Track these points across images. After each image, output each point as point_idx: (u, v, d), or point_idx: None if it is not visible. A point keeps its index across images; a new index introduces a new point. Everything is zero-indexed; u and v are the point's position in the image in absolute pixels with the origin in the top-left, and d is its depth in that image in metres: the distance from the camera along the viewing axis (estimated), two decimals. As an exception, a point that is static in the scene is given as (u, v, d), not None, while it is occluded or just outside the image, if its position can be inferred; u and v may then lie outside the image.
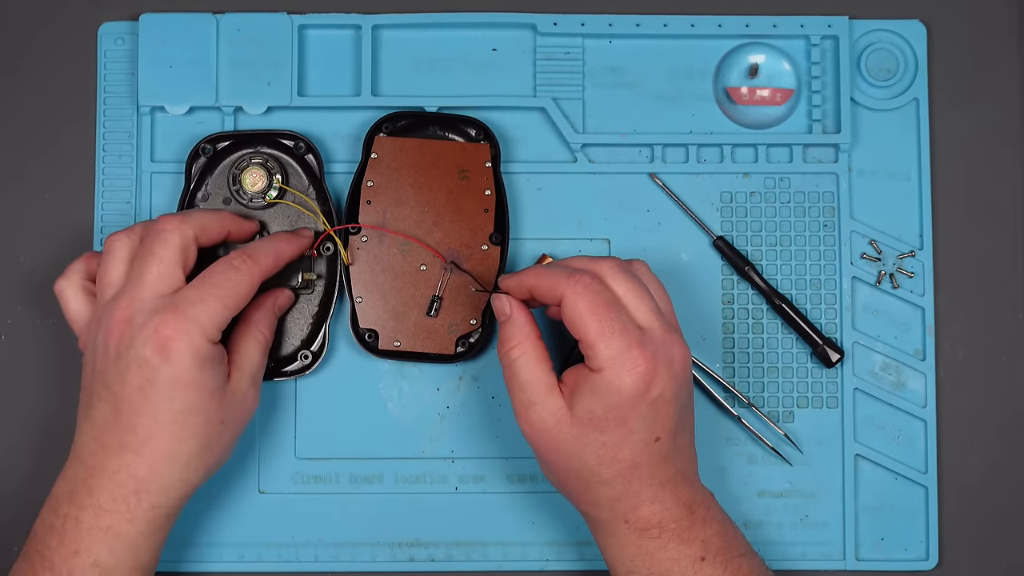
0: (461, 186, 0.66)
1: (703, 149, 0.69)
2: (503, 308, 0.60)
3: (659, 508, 0.57)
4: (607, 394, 0.56)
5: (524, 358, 0.58)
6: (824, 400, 0.68)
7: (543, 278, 0.58)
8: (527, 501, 0.67)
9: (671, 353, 0.57)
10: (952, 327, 0.68)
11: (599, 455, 0.57)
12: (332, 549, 0.67)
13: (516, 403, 0.59)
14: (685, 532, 0.57)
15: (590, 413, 0.56)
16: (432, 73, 0.69)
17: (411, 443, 0.67)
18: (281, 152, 0.66)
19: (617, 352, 0.56)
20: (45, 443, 0.68)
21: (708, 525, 0.58)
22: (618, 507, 0.58)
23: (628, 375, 0.56)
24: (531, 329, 0.59)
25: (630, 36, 0.69)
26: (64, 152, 0.68)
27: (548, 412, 0.57)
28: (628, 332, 0.56)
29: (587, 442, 0.57)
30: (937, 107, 0.69)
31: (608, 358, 0.56)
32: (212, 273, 0.59)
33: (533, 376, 0.58)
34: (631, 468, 0.57)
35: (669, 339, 0.57)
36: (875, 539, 0.67)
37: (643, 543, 0.58)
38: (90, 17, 0.69)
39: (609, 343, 0.56)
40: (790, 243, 0.68)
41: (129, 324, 0.57)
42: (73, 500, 0.57)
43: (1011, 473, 0.68)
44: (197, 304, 0.57)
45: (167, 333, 0.57)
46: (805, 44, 0.69)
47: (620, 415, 0.56)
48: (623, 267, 0.59)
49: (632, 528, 0.58)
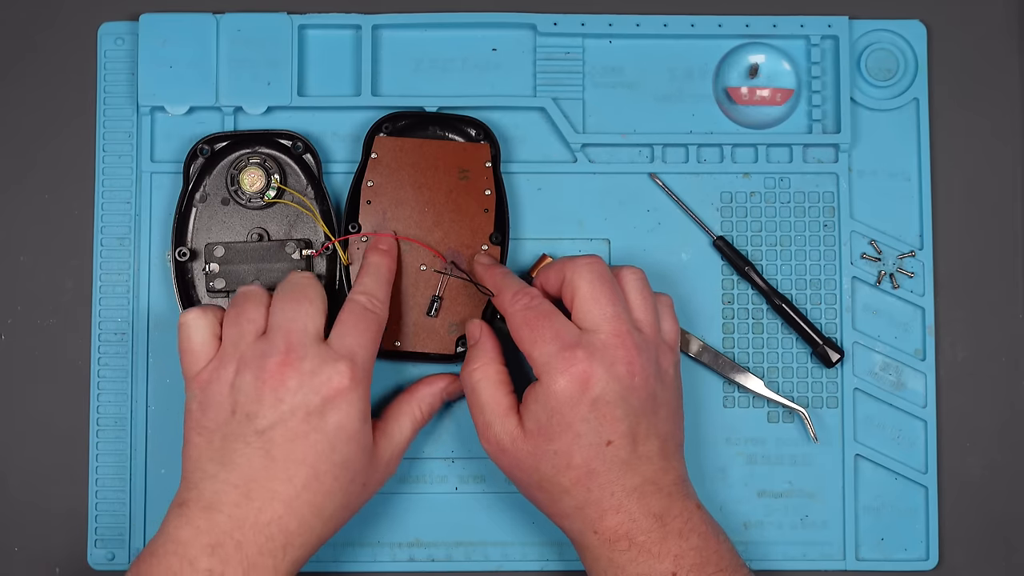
0: (461, 186, 0.66)
1: (703, 149, 0.69)
2: (474, 332, 0.63)
3: (625, 518, 0.57)
4: (547, 399, 0.57)
5: (485, 381, 0.60)
6: (824, 400, 0.68)
7: (497, 287, 0.61)
8: (527, 501, 0.67)
9: (613, 356, 0.57)
10: (952, 327, 0.68)
11: (553, 464, 0.58)
12: (332, 549, 0.67)
13: (477, 424, 0.60)
14: (655, 546, 0.57)
15: (537, 423, 0.58)
16: (432, 73, 0.69)
17: (411, 443, 0.67)
18: (279, 152, 0.66)
19: (549, 356, 0.57)
20: (45, 443, 0.68)
21: (684, 539, 0.57)
22: (585, 517, 0.58)
23: (561, 376, 0.57)
24: (495, 354, 0.61)
25: (630, 36, 0.69)
26: (64, 152, 0.68)
27: (504, 432, 0.59)
28: (560, 336, 0.57)
29: (540, 454, 0.58)
30: (937, 107, 0.69)
31: (542, 364, 0.57)
32: (354, 316, 0.58)
33: (492, 398, 0.60)
34: (587, 475, 0.57)
35: (615, 343, 0.57)
36: (875, 539, 0.67)
37: (613, 556, 0.57)
38: (90, 17, 0.69)
39: (542, 350, 0.58)
40: (790, 243, 0.68)
41: (295, 370, 0.55)
42: (217, 554, 0.53)
43: (1011, 473, 0.68)
44: (359, 352, 0.57)
45: (342, 383, 0.55)
46: (805, 44, 0.69)
47: (563, 419, 0.57)
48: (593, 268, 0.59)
49: (602, 539, 0.57)
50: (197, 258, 0.65)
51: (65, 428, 0.67)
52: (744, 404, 0.68)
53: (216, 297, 0.65)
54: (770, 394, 0.66)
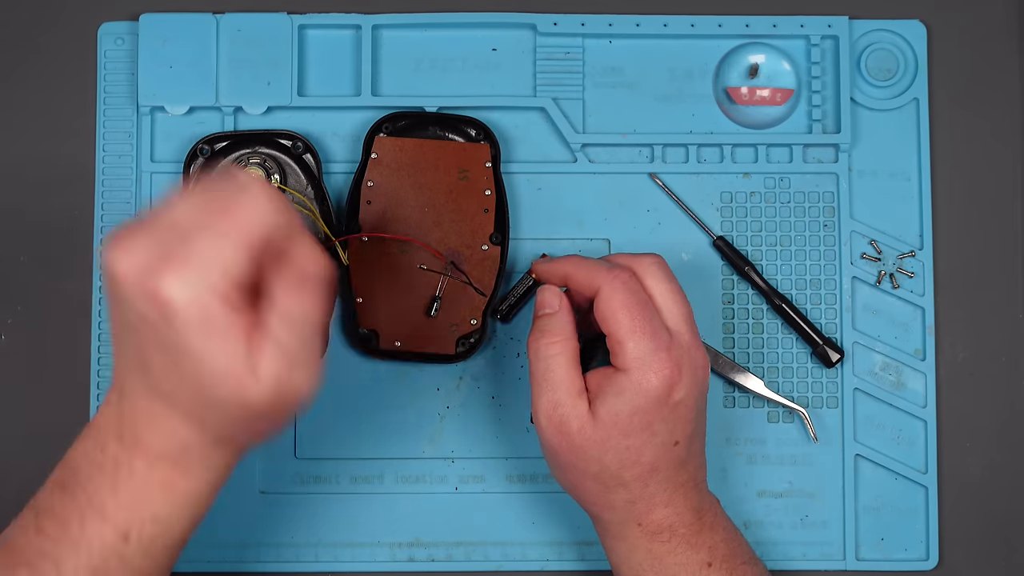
0: (461, 186, 0.66)
1: (703, 149, 0.69)
2: (551, 301, 0.59)
3: (671, 512, 0.58)
4: (634, 396, 0.56)
5: (561, 357, 0.57)
6: (824, 400, 0.68)
7: (581, 268, 0.58)
8: (527, 501, 0.67)
9: (695, 359, 0.57)
10: (952, 327, 0.68)
11: (621, 458, 0.57)
12: (332, 549, 0.67)
13: (542, 401, 0.57)
14: (694, 537, 0.58)
15: (615, 416, 0.56)
16: (432, 73, 0.69)
17: (411, 443, 0.67)
18: (279, 152, 0.66)
19: (645, 352, 0.56)
20: (45, 444, 0.67)
21: (715, 531, 0.59)
22: (633, 510, 0.58)
23: (654, 376, 0.56)
24: (572, 329, 0.58)
25: (630, 36, 0.69)
26: (64, 152, 0.69)
27: (574, 415, 0.57)
28: (658, 335, 0.56)
29: (610, 446, 0.56)
30: (937, 107, 0.69)
31: (636, 358, 0.56)
32: None
33: (567, 376, 0.57)
34: (651, 471, 0.57)
35: (694, 345, 0.58)
36: (875, 539, 0.67)
37: (653, 547, 0.58)
38: (90, 17, 0.69)
39: (638, 343, 0.56)
40: (790, 243, 0.68)
41: None
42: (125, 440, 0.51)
43: (1011, 473, 0.68)
44: None
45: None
46: (805, 44, 0.69)
47: (645, 418, 0.56)
48: (663, 268, 0.59)
49: (644, 531, 0.58)
50: (197, 258, 0.65)
51: (65, 428, 0.67)
52: (744, 404, 0.68)
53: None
54: (770, 394, 0.67)
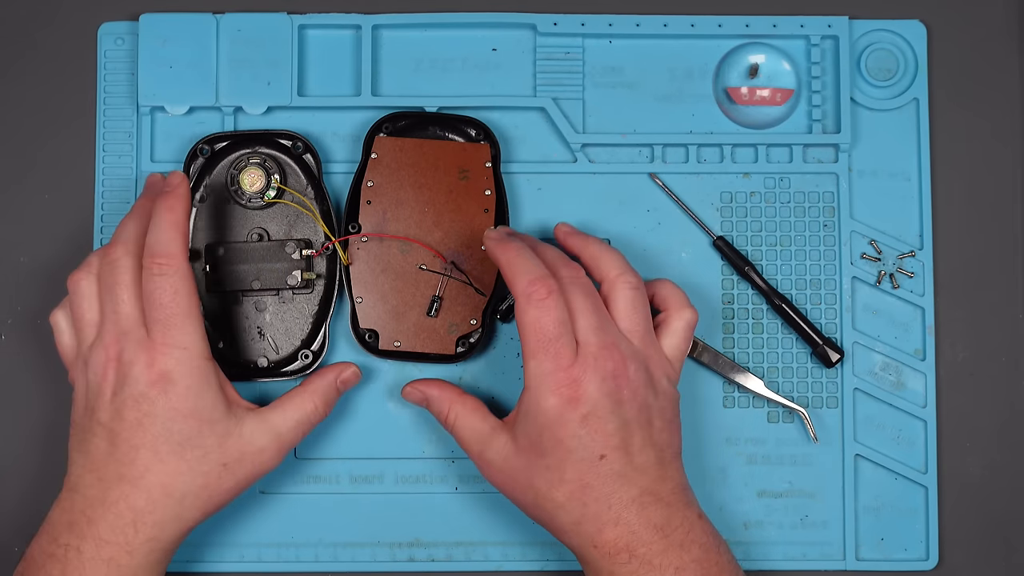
0: (461, 186, 0.66)
1: (703, 149, 0.69)
2: (417, 398, 0.63)
3: (624, 531, 0.57)
4: (536, 415, 0.57)
5: (460, 419, 0.61)
6: (824, 400, 0.68)
7: (512, 265, 0.59)
8: (527, 501, 0.67)
9: (604, 369, 0.57)
10: (952, 327, 0.68)
11: (547, 479, 0.57)
12: (332, 549, 0.67)
13: (472, 458, 0.61)
14: (656, 558, 0.56)
15: (528, 438, 0.58)
16: (432, 73, 0.69)
17: (411, 443, 0.67)
18: (279, 152, 0.66)
19: (544, 373, 0.57)
20: (45, 444, 0.68)
21: (685, 550, 0.57)
22: (583, 531, 0.57)
23: (551, 395, 0.57)
24: (452, 392, 0.62)
25: (630, 36, 0.69)
26: (64, 152, 0.69)
27: (495, 451, 0.60)
28: (560, 355, 0.57)
29: (534, 469, 0.58)
30: (937, 107, 0.69)
31: (534, 376, 0.57)
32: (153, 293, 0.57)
33: (474, 428, 0.61)
34: (581, 489, 0.57)
35: (604, 355, 0.57)
36: (875, 539, 0.67)
37: (614, 569, 0.57)
38: (90, 17, 0.69)
39: (540, 363, 0.57)
40: (790, 243, 0.68)
41: (119, 362, 0.58)
42: (73, 530, 0.57)
43: (1011, 473, 0.68)
44: (172, 329, 0.57)
45: (165, 365, 0.57)
46: (805, 44, 0.69)
47: (553, 435, 0.57)
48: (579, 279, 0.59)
49: (601, 553, 0.57)
50: (197, 258, 0.65)
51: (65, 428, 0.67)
52: (744, 404, 0.68)
53: (216, 297, 0.65)
54: (770, 394, 0.67)
